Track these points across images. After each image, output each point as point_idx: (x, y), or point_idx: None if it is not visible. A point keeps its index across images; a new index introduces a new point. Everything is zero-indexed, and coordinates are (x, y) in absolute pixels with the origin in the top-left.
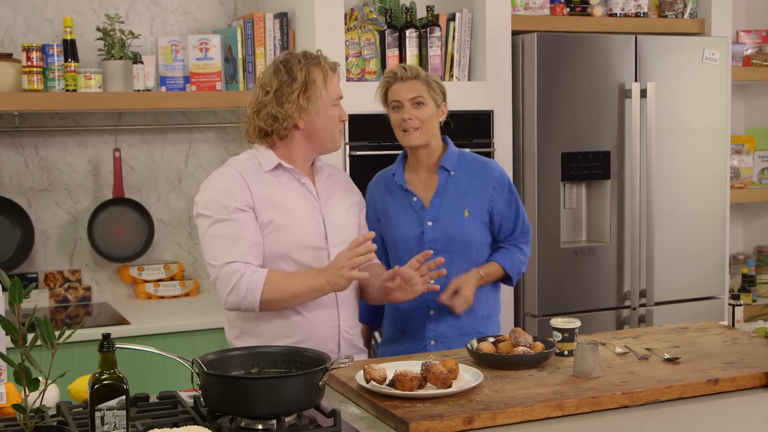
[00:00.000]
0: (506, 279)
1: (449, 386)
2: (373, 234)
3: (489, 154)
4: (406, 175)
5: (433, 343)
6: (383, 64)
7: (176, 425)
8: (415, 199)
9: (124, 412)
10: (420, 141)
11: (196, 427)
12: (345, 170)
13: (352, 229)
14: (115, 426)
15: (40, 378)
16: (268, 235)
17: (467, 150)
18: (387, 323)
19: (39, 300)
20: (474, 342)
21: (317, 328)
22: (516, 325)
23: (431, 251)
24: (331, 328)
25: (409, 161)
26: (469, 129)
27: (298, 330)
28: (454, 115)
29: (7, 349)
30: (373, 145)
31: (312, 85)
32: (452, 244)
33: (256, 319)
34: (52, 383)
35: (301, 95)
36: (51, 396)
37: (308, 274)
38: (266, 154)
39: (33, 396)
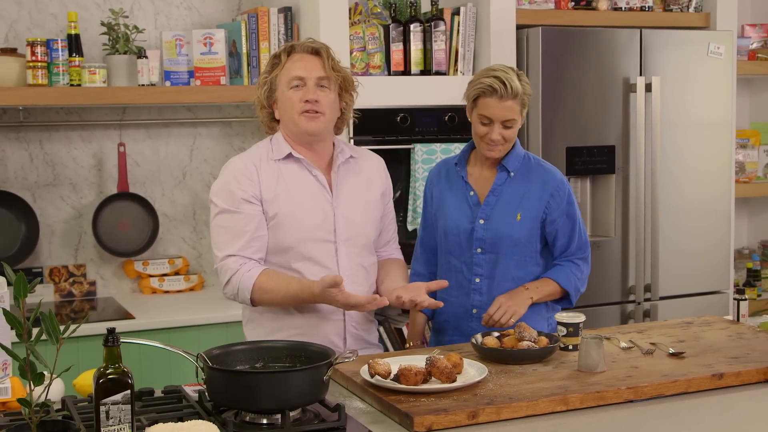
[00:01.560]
0: (564, 297)
1: (454, 381)
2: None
3: None
4: (468, 167)
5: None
6: (387, 58)
7: (181, 420)
8: (472, 193)
9: (129, 406)
10: (501, 155)
11: (200, 421)
12: None
13: (368, 224)
14: (120, 420)
15: (45, 372)
16: (273, 228)
17: (532, 154)
18: (436, 313)
19: (44, 294)
20: (478, 336)
21: (321, 322)
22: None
23: (447, 283)
24: (336, 322)
25: (474, 154)
26: None
27: (301, 322)
28: (459, 110)
29: (13, 343)
30: (377, 139)
31: (265, 75)
32: (500, 245)
33: (260, 309)
34: (57, 378)
35: (260, 86)
36: (56, 390)
37: (301, 284)
38: (281, 142)
39: (38, 390)
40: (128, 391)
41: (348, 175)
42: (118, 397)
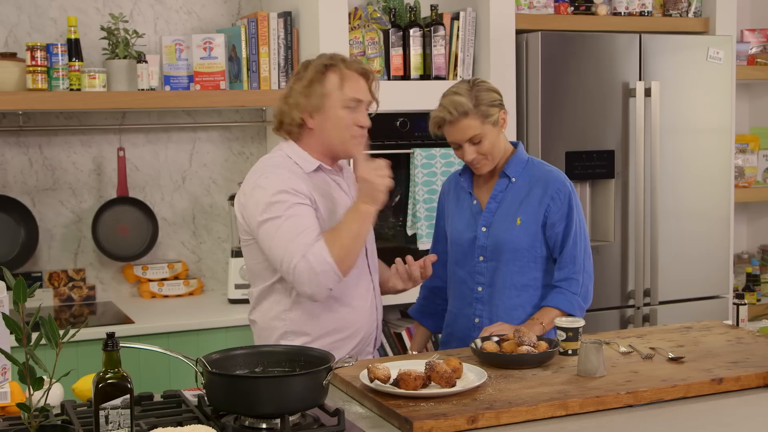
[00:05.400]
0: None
1: (453, 385)
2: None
3: None
4: (474, 177)
5: None
6: (387, 63)
7: (180, 424)
8: (475, 202)
9: (129, 411)
10: (491, 167)
11: (200, 426)
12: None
13: None
14: (119, 425)
15: (45, 377)
16: None
17: (537, 159)
18: (443, 327)
19: (43, 299)
20: (478, 341)
21: (363, 321)
22: None
23: (435, 257)
24: (373, 322)
25: None
26: None
27: (345, 325)
28: None
29: (12, 348)
30: (377, 143)
31: (316, 85)
32: (501, 252)
33: (302, 316)
34: (56, 382)
35: (303, 92)
36: (55, 395)
37: (348, 212)
38: (304, 156)
39: (37, 395)
40: (128, 396)
41: (351, 181)
42: (117, 401)
